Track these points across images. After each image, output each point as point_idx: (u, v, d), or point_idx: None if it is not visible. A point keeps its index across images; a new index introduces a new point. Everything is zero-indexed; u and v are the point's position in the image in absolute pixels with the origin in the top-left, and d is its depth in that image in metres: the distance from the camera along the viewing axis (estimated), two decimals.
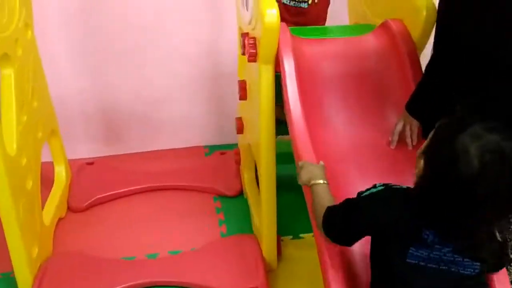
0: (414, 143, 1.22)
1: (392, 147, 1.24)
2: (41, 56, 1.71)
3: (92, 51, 2.05)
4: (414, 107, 1.22)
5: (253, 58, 1.35)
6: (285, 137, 1.40)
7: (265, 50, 1.29)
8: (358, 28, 1.53)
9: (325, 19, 1.67)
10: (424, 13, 1.28)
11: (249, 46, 1.34)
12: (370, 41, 1.39)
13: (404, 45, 1.33)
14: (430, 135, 0.86)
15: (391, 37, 1.37)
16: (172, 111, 2.25)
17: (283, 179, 1.54)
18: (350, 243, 0.96)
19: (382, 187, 0.91)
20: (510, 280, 1.01)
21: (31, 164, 1.49)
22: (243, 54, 1.47)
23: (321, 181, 1.04)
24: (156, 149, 2.29)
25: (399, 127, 1.24)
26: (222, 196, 1.96)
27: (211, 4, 2.08)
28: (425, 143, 0.86)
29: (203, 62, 2.19)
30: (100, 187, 1.95)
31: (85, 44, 2.03)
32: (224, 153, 2.20)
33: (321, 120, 1.27)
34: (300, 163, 1.11)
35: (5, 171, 1.28)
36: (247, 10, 1.40)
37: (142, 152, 2.28)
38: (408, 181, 0.90)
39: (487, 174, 0.73)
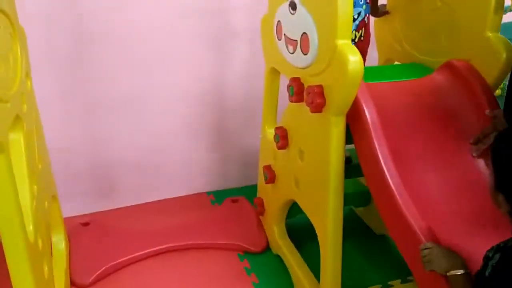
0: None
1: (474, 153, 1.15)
2: None
3: (83, 99, 1.78)
4: None
5: (319, 108, 1.18)
6: None
7: (343, 100, 1.12)
8: (415, 68, 1.41)
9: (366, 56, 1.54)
10: (504, 55, 1.18)
11: (315, 95, 1.16)
12: (441, 82, 1.27)
13: (478, 85, 1.23)
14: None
15: (462, 77, 1.26)
16: (171, 157, 2.02)
17: None
18: None
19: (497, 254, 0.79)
20: None
21: (45, 245, 1.20)
22: (295, 101, 1.29)
23: (463, 271, 0.89)
24: (154, 199, 2.04)
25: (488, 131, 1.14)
26: (247, 253, 1.74)
27: (212, 42, 1.89)
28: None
29: (202, 105, 1.99)
30: (104, 254, 1.66)
31: (76, 92, 1.76)
32: (236, 200, 1.99)
33: (408, 171, 1.12)
34: (428, 245, 0.95)
35: (30, 265, 1.00)
36: (304, 53, 1.23)
37: (140, 204, 2.02)
38: None
39: None
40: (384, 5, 1.62)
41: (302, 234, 1.72)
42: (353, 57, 1.06)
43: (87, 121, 1.79)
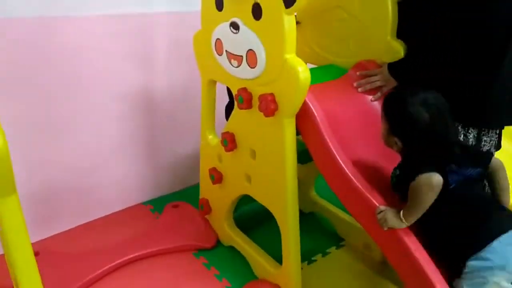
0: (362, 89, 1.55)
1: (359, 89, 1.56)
2: None
3: (14, 124, 1.72)
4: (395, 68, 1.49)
5: (272, 113, 1.39)
6: None
7: (294, 105, 1.35)
8: (332, 69, 1.68)
9: None
10: (402, 53, 1.51)
11: (268, 102, 1.37)
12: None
13: None
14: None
15: None
16: (107, 174, 2.06)
17: None
18: None
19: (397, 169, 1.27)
20: None
21: None
22: (245, 108, 1.48)
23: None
24: (97, 217, 2.06)
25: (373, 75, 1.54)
26: (201, 250, 1.89)
27: (139, 60, 1.98)
28: (385, 126, 1.29)
29: (132, 120, 2.07)
30: (62, 281, 1.66)
31: (6, 116, 1.70)
32: (177, 205, 2.11)
33: (352, 153, 1.40)
34: (382, 208, 1.22)
35: None
36: (251, 67, 1.42)
37: (85, 224, 2.03)
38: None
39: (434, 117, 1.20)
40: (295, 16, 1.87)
41: (246, 224, 1.94)
42: (301, 68, 1.29)
43: (20, 146, 1.75)
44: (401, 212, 1.19)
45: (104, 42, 1.84)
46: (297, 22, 1.83)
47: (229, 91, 1.81)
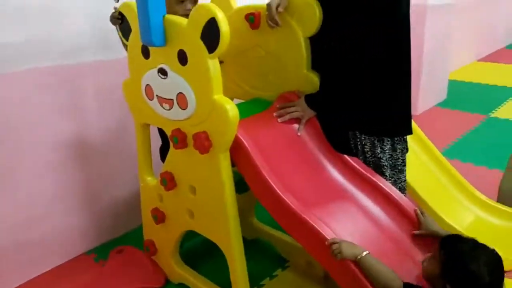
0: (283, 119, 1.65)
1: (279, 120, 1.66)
2: None
3: None
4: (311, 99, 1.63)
5: (207, 150, 1.48)
6: None
7: (227, 140, 1.45)
8: (258, 102, 1.81)
9: None
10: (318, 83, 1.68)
11: (203, 140, 1.46)
12: None
13: None
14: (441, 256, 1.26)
15: None
16: (45, 227, 2.03)
17: None
18: None
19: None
20: None
21: None
22: (181, 148, 1.56)
23: (366, 252, 1.29)
24: (39, 273, 2.01)
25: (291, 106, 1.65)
26: None
27: (67, 109, 2.00)
28: (435, 265, 1.28)
29: (67, 170, 2.07)
30: None
31: None
32: (121, 250, 2.11)
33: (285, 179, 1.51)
34: (336, 240, 1.33)
35: None
36: (182, 108, 1.51)
37: (27, 282, 1.96)
38: None
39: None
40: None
41: (193, 259, 1.98)
42: (229, 106, 1.40)
43: None
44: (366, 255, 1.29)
45: (33, 94, 1.85)
46: (221, 62, 1.97)
47: (161, 133, 1.88)
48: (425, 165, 2.35)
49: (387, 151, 1.66)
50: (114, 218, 2.28)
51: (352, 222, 1.52)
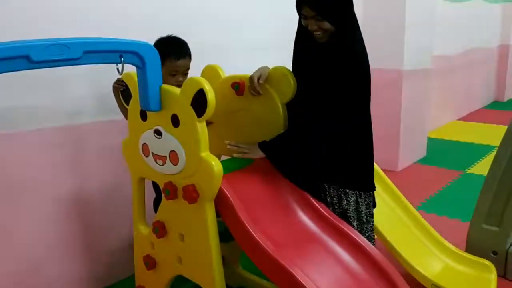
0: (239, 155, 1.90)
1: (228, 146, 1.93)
2: None
3: None
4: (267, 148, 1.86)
5: (195, 200, 1.68)
6: None
7: (212, 192, 1.66)
8: (244, 159, 2.03)
9: None
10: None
11: (191, 192, 1.67)
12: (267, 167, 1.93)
13: None
14: None
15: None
16: (40, 276, 2.17)
17: None
18: None
19: None
20: None
21: None
22: (172, 198, 1.77)
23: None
24: None
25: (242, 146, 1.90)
26: None
27: (70, 165, 2.22)
28: None
29: (66, 220, 2.25)
30: None
31: None
32: None
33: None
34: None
35: None
36: (174, 164, 1.73)
37: None
38: None
39: None
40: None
41: None
42: (215, 162, 1.62)
43: None
44: None
45: (37, 152, 2.07)
46: (211, 122, 2.21)
47: (155, 186, 2.09)
48: (397, 217, 2.55)
49: (352, 204, 1.87)
50: (110, 267, 2.44)
51: (324, 266, 1.70)
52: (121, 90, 1.91)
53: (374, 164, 2.55)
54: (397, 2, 3.88)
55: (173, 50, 1.97)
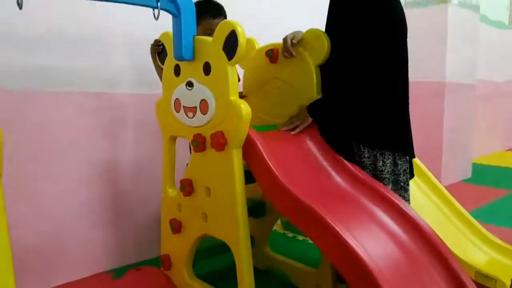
0: (295, 132, 1.83)
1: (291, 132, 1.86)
2: None
3: None
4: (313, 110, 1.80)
5: (223, 147, 1.66)
6: None
7: (240, 136, 1.63)
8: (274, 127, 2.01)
9: None
10: None
11: (219, 138, 1.65)
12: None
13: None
14: None
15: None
16: (70, 239, 2.18)
17: None
18: None
19: None
20: None
21: None
22: (200, 150, 1.75)
23: None
24: (58, 284, 2.12)
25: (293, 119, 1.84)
26: None
27: (104, 132, 2.26)
28: None
29: (98, 186, 2.27)
30: None
31: None
32: (139, 269, 2.20)
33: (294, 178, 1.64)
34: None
35: None
36: (203, 113, 1.73)
37: None
38: None
39: None
40: (241, 92, 2.25)
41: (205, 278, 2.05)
42: (244, 105, 1.61)
43: None
44: None
45: (74, 115, 2.13)
46: (244, 96, 2.22)
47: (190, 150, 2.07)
48: (439, 209, 2.41)
49: (388, 165, 1.77)
50: (136, 243, 2.41)
51: (365, 228, 1.58)
52: (158, 52, 1.96)
53: (416, 158, 2.47)
54: (440, 14, 3.86)
55: (209, 9, 2.02)
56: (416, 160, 2.59)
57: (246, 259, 1.68)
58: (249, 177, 1.76)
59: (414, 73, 4.00)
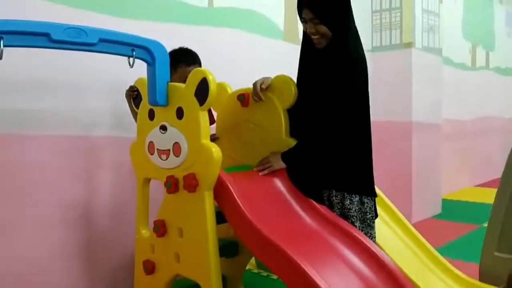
0: (263, 173, 1.92)
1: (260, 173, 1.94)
2: None
3: None
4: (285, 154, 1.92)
5: (194, 189, 1.72)
6: None
7: (211, 178, 1.70)
8: (247, 167, 2.08)
9: None
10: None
11: (191, 179, 1.71)
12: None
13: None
14: None
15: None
16: (43, 285, 2.16)
17: None
18: None
19: None
20: None
21: None
22: (173, 191, 1.81)
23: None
24: None
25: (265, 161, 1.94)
26: None
27: (79, 175, 2.30)
28: None
29: (72, 228, 2.28)
30: None
31: None
32: None
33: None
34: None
35: None
36: (176, 156, 1.80)
37: None
38: None
39: None
40: (214, 134, 2.33)
41: None
42: (215, 149, 1.69)
43: None
44: None
45: (50, 158, 2.16)
46: (217, 138, 2.30)
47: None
48: (406, 245, 2.49)
49: (355, 203, 1.86)
50: (110, 285, 2.40)
51: (327, 261, 1.65)
52: (133, 97, 2.04)
53: (384, 196, 2.58)
54: (405, 58, 4.08)
55: (184, 57, 2.13)
56: (384, 198, 2.70)
57: None
58: (221, 217, 1.82)
59: (382, 114, 4.19)
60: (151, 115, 1.93)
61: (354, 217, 1.86)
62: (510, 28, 7.25)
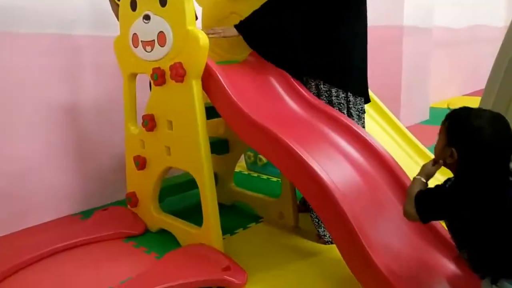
0: (212, 36, 1.84)
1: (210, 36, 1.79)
2: None
3: None
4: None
5: (182, 78, 1.68)
6: None
7: (199, 66, 1.66)
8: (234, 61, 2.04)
9: None
10: None
11: (178, 69, 1.67)
12: (252, 62, 1.94)
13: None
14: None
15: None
16: (36, 184, 2.18)
17: None
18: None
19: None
20: None
21: None
22: (160, 83, 1.77)
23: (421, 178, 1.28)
24: (24, 227, 2.14)
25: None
26: (130, 237, 2.01)
27: (64, 75, 2.23)
28: (443, 137, 1.22)
29: (59, 129, 2.25)
30: None
31: None
32: (106, 209, 2.23)
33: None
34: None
35: None
36: (161, 46, 1.73)
37: (10, 235, 2.08)
38: None
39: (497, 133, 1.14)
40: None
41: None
42: (201, 35, 1.63)
43: None
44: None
45: (33, 58, 2.08)
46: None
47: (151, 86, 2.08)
48: (394, 140, 2.53)
49: (341, 98, 1.85)
50: (101, 186, 2.43)
51: (318, 146, 1.66)
52: None
53: (377, 98, 2.55)
54: None
55: None
56: (376, 100, 2.69)
57: (209, 184, 1.74)
58: (210, 112, 1.80)
59: (374, 18, 4.06)
60: (133, 5, 1.83)
61: (342, 104, 1.85)
62: None
